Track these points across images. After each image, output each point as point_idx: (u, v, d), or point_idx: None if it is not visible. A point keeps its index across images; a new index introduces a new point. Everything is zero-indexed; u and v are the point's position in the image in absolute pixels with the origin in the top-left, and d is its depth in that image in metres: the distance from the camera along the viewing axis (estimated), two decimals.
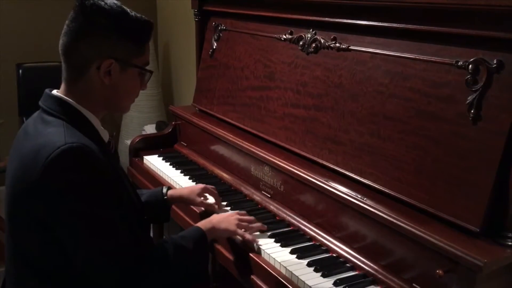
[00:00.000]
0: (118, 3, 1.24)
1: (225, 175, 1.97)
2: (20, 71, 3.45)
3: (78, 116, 1.24)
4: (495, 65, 1.17)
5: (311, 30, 1.70)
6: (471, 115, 1.21)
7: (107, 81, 1.23)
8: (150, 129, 3.43)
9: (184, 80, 3.87)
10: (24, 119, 3.42)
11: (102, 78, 1.22)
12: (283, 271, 1.38)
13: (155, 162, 2.14)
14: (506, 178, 1.15)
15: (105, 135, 1.32)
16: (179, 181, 1.95)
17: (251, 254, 1.47)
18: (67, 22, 1.22)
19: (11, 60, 3.47)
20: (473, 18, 1.20)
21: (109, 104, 1.29)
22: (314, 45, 1.67)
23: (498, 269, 1.14)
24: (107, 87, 1.24)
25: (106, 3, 1.21)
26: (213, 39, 2.21)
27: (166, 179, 2.01)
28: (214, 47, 2.20)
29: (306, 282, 1.31)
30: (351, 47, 1.55)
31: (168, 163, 2.13)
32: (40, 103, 1.26)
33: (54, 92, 1.27)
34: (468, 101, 1.22)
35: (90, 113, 1.27)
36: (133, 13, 1.25)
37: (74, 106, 1.24)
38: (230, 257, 1.55)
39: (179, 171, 2.04)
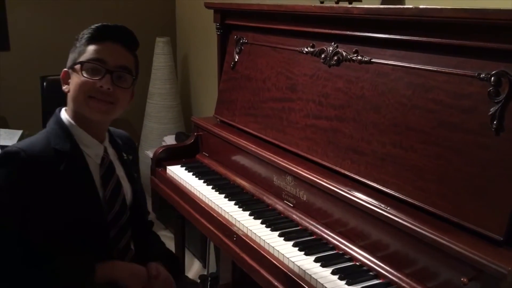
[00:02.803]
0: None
1: (247, 185, 2.01)
2: (44, 83, 3.54)
3: (61, 127, 1.37)
4: None
5: (332, 43, 1.74)
6: (494, 126, 1.23)
7: (66, 88, 1.39)
8: (170, 140, 3.49)
9: (203, 92, 3.93)
10: None
11: (63, 87, 1.41)
12: (308, 279, 1.41)
13: (178, 172, 2.18)
14: None
15: (94, 150, 1.40)
16: (202, 190, 1.99)
17: (275, 262, 1.50)
18: None
19: (35, 72, 3.56)
20: (495, 31, 1.23)
21: (74, 106, 1.37)
22: (336, 57, 1.72)
23: None
24: (69, 95, 1.38)
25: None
26: (234, 52, 2.26)
27: (190, 188, 2.06)
28: (236, 60, 2.25)
29: None
30: (373, 60, 1.58)
31: (191, 173, 2.17)
32: None
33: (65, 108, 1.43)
34: (490, 113, 1.24)
35: (79, 128, 1.37)
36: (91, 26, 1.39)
37: (60, 117, 1.39)
38: (253, 263, 1.59)
39: (202, 181, 2.09)
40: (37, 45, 3.73)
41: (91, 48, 1.36)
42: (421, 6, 1.40)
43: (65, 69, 1.41)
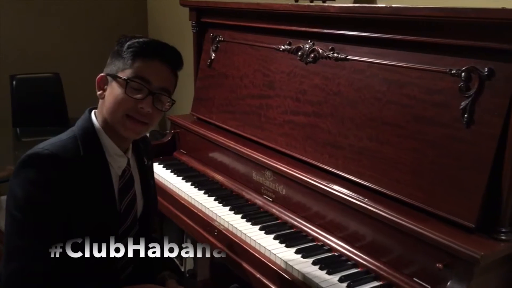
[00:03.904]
0: (142, 37, 1.35)
1: (226, 181, 2.03)
2: (14, 82, 3.48)
3: (91, 133, 1.32)
4: (486, 73, 1.27)
5: (309, 41, 1.78)
6: (465, 119, 1.30)
7: (101, 94, 1.33)
8: None
9: (177, 90, 3.93)
10: (18, 130, 3.44)
11: (98, 92, 1.34)
12: (289, 269, 1.45)
13: (156, 170, 2.18)
14: (499, 177, 1.24)
15: (117, 161, 1.36)
16: (182, 187, 2.01)
17: (257, 255, 1.54)
18: None
19: (4, 71, 3.50)
20: (465, 29, 1.29)
21: (108, 118, 1.32)
22: (312, 55, 1.76)
23: (493, 261, 1.23)
24: (103, 102, 1.33)
25: (128, 36, 1.34)
26: (211, 49, 2.28)
27: (169, 186, 2.07)
28: (212, 58, 2.27)
29: (313, 279, 1.38)
30: (349, 57, 1.64)
31: (169, 170, 2.19)
32: None
33: (94, 110, 1.38)
34: (461, 106, 1.31)
35: (107, 137, 1.33)
36: (139, 39, 1.33)
37: (92, 122, 1.34)
38: (235, 257, 1.61)
39: (181, 177, 2.11)
40: (6, 44, 3.66)
41: (137, 64, 1.30)
42: (394, 5, 1.46)
43: (103, 74, 1.33)
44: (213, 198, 1.90)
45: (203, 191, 1.97)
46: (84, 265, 1.29)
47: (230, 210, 1.80)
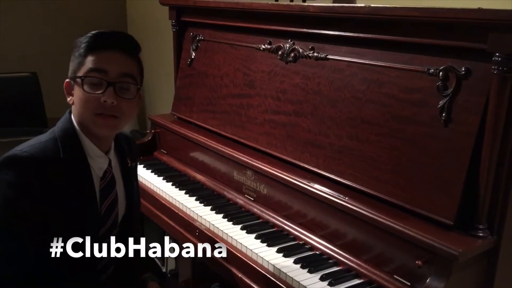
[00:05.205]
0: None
1: (207, 181, 2.03)
2: None
3: (71, 134, 1.31)
4: (463, 72, 1.29)
5: (289, 40, 1.79)
6: (443, 118, 1.32)
7: (70, 100, 1.32)
8: None
9: (157, 90, 3.90)
10: None
11: (68, 99, 1.33)
12: (271, 269, 1.45)
13: None
14: (476, 175, 1.26)
15: (98, 163, 1.34)
16: (162, 187, 1.99)
17: (239, 255, 1.54)
18: None
19: None
20: (442, 29, 1.31)
21: (81, 121, 1.31)
22: (292, 54, 1.76)
23: (471, 258, 1.25)
24: (75, 107, 1.31)
25: (82, 35, 1.32)
26: (191, 48, 2.27)
27: (149, 186, 2.05)
28: (193, 57, 2.26)
29: (294, 278, 1.38)
30: (329, 56, 1.64)
31: (150, 170, 2.17)
32: None
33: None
34: (439, 105, 1.33)
35: (87, 138, 1.31)
36: (87, 34, 1.31)
37: (71, 123, 1.32)
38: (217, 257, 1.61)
39: (161, 178, 2.09)
40: None
41: (89, 59, 1.27)
42: (373, 5, 1.47)
43: (67, 79, 1.32)
44: (194, 198, 1.89)
45: (184, 191, 1.96)
46: (64, 267, 1.28)
47: (212, 210, 1.80)
